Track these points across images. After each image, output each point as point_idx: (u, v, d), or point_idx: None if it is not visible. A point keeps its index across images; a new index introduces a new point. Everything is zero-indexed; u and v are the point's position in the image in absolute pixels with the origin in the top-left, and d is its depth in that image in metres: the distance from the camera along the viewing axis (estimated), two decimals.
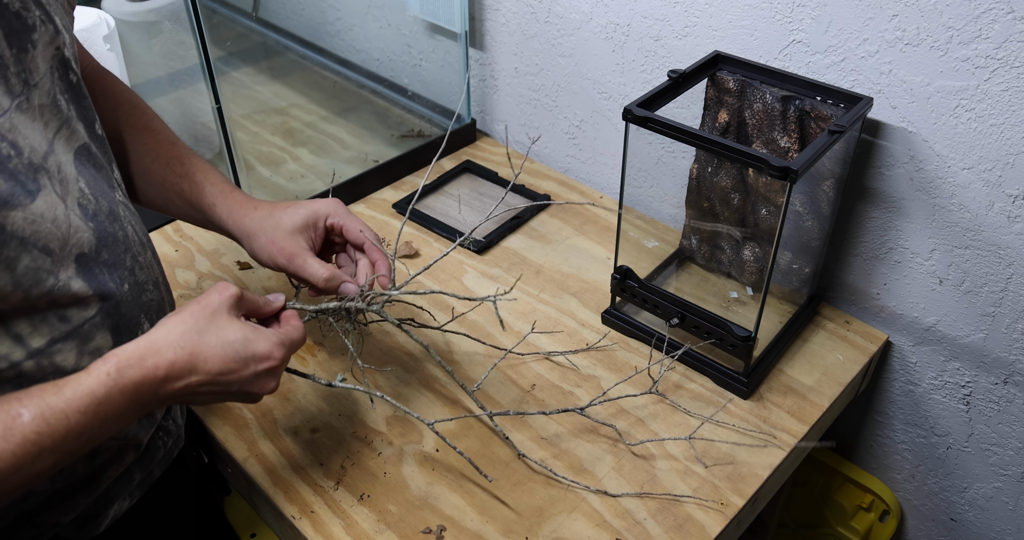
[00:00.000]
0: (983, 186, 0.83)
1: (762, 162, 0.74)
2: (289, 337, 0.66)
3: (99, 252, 0.60)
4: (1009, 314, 0.87)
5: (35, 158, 0.55)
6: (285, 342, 0.65)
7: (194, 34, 0.93)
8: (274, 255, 0.75)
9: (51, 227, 0.55)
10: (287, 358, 0.66)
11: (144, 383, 0.56)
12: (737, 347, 0.87)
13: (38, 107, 0.57)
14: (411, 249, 1.10)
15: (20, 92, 0.55)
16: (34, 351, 0.56)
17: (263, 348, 0.63)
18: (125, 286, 0.62)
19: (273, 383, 0.65)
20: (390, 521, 0.77)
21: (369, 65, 1.48)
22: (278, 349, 0.64)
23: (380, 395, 0.75)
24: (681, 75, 0.86)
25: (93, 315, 0.59)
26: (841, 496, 1.16)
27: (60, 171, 0.57)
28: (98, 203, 0.61)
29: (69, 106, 0.61)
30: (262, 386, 0.64)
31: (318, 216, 0.77)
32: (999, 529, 1.03)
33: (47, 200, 0.55)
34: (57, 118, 0.59)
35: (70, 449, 0.53)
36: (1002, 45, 0.75)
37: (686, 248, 1.05)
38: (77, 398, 0.53)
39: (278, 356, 0.64)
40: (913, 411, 1.03)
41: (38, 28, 0.57)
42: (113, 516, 0.69)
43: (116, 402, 0.55)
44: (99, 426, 0.54)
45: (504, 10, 1.20)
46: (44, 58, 0.57)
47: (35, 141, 0.56)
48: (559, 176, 1.26)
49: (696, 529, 0.77)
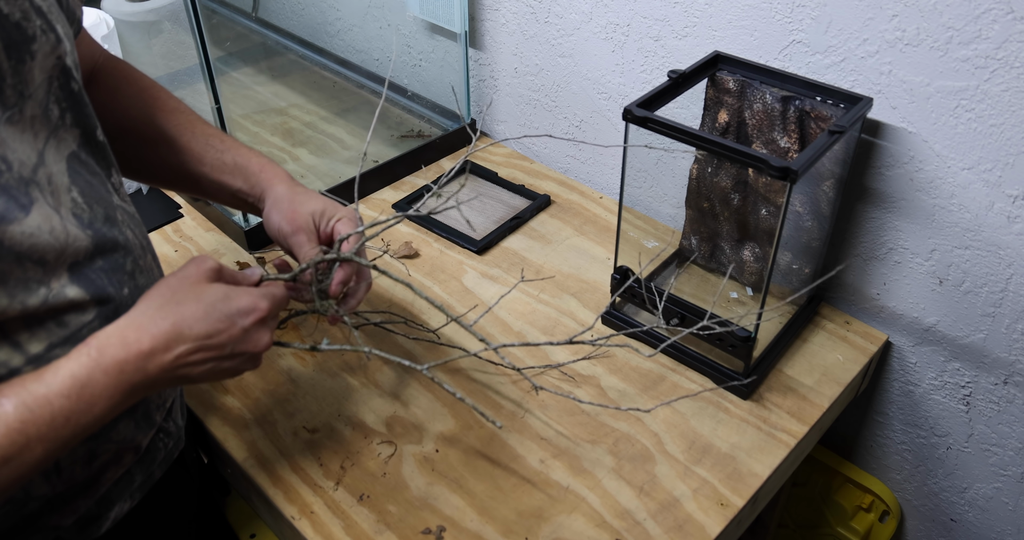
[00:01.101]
0: (983, 186, 0.83)
1: (762, 162, 0.74)
2: (270, 292, 0.65)
3: (94, 258, 0.60)
4: (1009, 314, 0.87)
5: (24, 172, 0.54)
6: (267, 295, 0.63)
7: (194, 34, 0.93)
8: (282, 225, 0.76)
9: (49, 238, 0.54)
10: (273, 312, 0.64)
11: (128, 361, 0.55)
12: (737, 347, 0.87)
13: (29, 118, 0.56)
14: (411, 249, 1.10)
15: (13, 104, 0.55)
16: (32, 357, 0.56)
17: (246, 301, 0.61)
18: (125, 290, 0.62)
19: (267, 337, 0.63)
20: (390, 521, 0.77)
21: (369, 65, 1.49)
22: (262, 300, 0.62)
23: (371, 350, 0.74)
24: (681, 75, 0.86)
25: (91, 320, 0.59)
26: (841, 496, 1.16)
27: (51, 182, 0.57)
28: (93, 210, 0.60)
29: (64, 115, 0.60)
30: (255, 342, 0.62)
31: (334, 212, 0.78)
32: (999, 529, 1.03)
33: (41, 212, 0.55)
34: (46, 127, 0.58)
35: (60, 437, 0.52)
36: (1002, 45, 0.75)
37: (686, 248, 1.05)
38: (58, 382, 0.52)
39: (264, 307, 0.62)
40: (913, 411, 1.03)
41: (38, 38, 0.56)
42: (114, 518, 0.69)
43: (100, 383, 0.54)
44: (86, 409, 0.53)
45: (504, 10, 1.20)
46: (43, 68, 0.57)
47: (24, 154, 0.55)
48: (559, 176, 1.26)
49: (696, 529, 0.77)
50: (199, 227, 1.15)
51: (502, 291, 1.04)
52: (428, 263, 1.09)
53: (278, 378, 0.92)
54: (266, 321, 0.63)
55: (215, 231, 1.14)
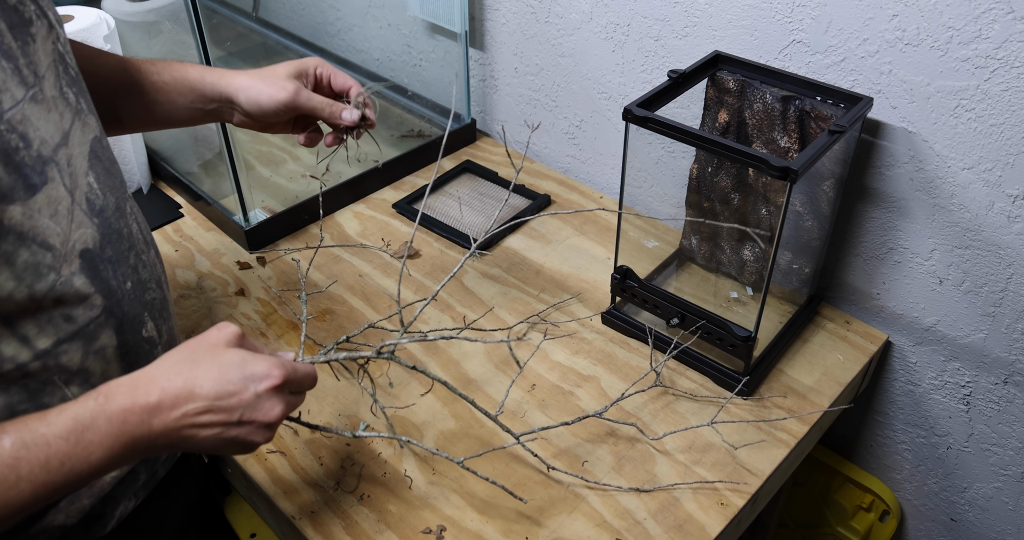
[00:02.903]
0: (983, 186, 0.83)
1: (762, 162, 0.74)
2: (289, 362, 0.62)
3: (103, 248, 0.60)
4: (1009, 314, 0.87)
5: (44, 150, 0.55)
6: (286, 364, 0.61)
7: (194, 34, 0.93)
8: (275, 94, 0.78)
9: (49, 222, 0.55)
10: (290, 382, 0.61)
11: (133, 411, 0.53)
12: (737, 347, 0.87)
13: (51, 98, 0.57)
14: (411, 250, 1.10)
15: (33, 83, 0.55)
16: (40, 352, 0.56)
17: (261, 367, 0.59)
18: (128, 284, 0.62)
19: (279, 408, 0.60)
20: (390, 521, 0.77)
21: (369, 65, 1.49)
22: (277, 368, 0.60)
23: (407, 440, 0.75)
24: (681, 75, 0.86)
25: (98, 314, 0.59)
26: (841, 496, 1.16)
27: (70, 164, 0.57)
28: (105, 198, 0.61)
29: (78, 99, 0.61)
30: (267, 411, 0.59)
31: (308, 65, 0.82)
32: (999, 529, 1.03)
33: (51, 194, 0.55)
34: (70, 109, 0.59)
35: (51, 481, 0.51)
36: (1002, 45, 0.75)
37: (686, 248, 1.05)
38: (60, 423, 0.51)
39: (278, 375, 0.59)
40: (913, 411, 1.03)
41: (35, 22, 0.57)
42: (119, 517, 0.69)
43: (101, 430, 0.52)
44: (83, 456, 0.52)
45: (504, 10, 1.21)
46: (45, 52, 0.58)
47: (47, 133, 0.56)
48: (559, 176, 1.26)
49: (696, 529, 0.77)
50: (199, 227, 1.15)
51: (503, 290, 1.04)
52: (428, 263, 1.09)
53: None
54: (280, 390, 0.60)
55: (215, 231, 1.14)
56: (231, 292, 1.04)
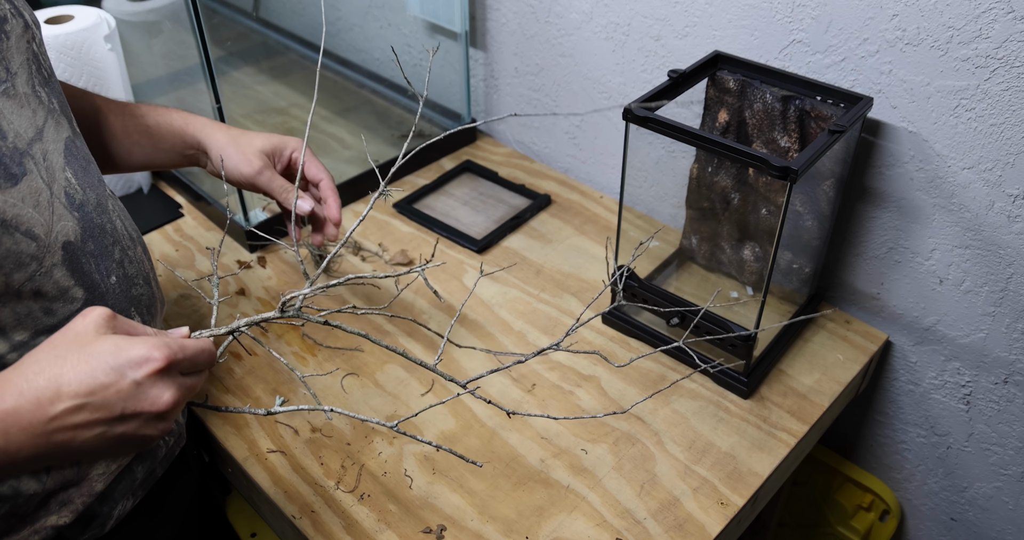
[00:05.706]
0: (983, 186, 0.83)
1: (762, 162, 0.74)
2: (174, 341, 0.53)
3: (85, 242, 0.60)
4: (1009, 314, 0.87)
5: (20, 143, 0.56)
6: (170, 344, 0.52)
7: (194, 34, 0.93)
8: (240, 166, 0.80)
9: (32, 212, 0.55)
10: (177, 361, 0.52)
11: None
12: (737, 347, 0.87)
13: (23, 95, 0.58)
14: (405, 257, 1.09)
15: (5, 78, 0.56)
16: (17, 344, 0.57)
17: (138, 351, 0.50)
18: (112, 278, 0.63)
19: (168, 394, 0.51)
20: (390, 521, 0.77)
21: (369, 64, 1.49)
22: (158, 349, 0.51)
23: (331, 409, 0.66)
24: (681, 75, 0.86)
25: (78, 309, 0.59)
26: (841, 496, 1.16)
27: (46, 159, 0.58)
28: (85, 194, 0.62)
29: (51, 100, 0.62)
30: (153, 400, 0.51)
31: (285, 146, 0.84)
32: (999, 529, 1.03)
33: (31, 185, 0.56)
34: (43, 108, 0.60)
35: None
36: (1002, 45, 0.75)
37: (686, 248, 1.05)
38: None
39: (159, 357, 0.51)
40: (913, 411, 1.03)
41: (9, 20, 0.58)
42: (117, 516, 0.69)
43: None
44: None
45: (504, 10, 1.21)
46: (19, 50, 0.59)
47: (21, 127, 0.57)
48: (559, 176, 1.26)
49: (696, 529, 0.77)
50: (199, 226, 1.16)
51: (503, 290, 1.04)
52: None
53: (278, 378, 0.92)
54: (166, 373, 0.51)
55: (216, 230, 1.14)
56: (231, 292, 1.04)
